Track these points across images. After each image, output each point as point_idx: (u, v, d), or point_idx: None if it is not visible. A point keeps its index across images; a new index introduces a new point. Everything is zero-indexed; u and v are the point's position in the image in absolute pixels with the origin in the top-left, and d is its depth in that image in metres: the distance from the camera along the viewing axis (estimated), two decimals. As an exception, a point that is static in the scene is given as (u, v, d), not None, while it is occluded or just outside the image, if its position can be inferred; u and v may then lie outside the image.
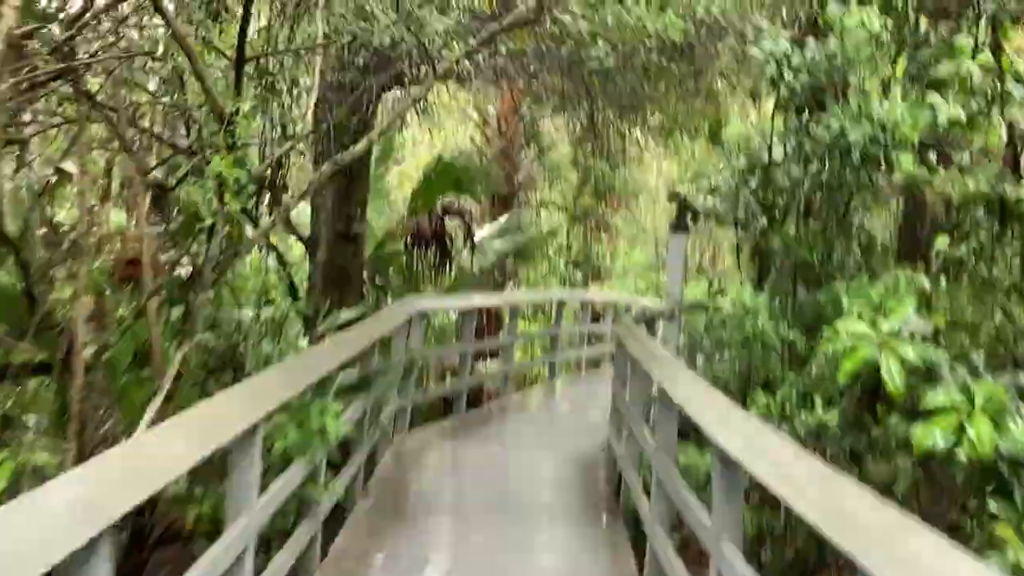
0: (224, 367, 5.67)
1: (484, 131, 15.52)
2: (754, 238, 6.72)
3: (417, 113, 16.41)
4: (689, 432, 5.07)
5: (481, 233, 12.41)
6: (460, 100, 16.24)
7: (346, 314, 8.34)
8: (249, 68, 5.57)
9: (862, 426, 4.46)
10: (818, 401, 4.44)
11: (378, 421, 6.62)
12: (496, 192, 14.75)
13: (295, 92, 7.05)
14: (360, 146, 5.60)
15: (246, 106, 4.40)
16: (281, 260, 8.15)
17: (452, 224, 11.19)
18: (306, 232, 9.01)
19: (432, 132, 15.90)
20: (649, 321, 9.30)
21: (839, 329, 3.89)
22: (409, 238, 10.26)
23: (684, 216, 10.08)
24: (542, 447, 8.31)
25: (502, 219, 12.62)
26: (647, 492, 5.48)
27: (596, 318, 16.52)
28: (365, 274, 9.10)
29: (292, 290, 8.44)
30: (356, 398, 6.01)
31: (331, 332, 8.09)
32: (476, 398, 12.82)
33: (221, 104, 4.29)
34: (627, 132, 15.55)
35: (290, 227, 8.73)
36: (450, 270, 10.94)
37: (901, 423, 4.00)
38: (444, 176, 10.72)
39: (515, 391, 12.15)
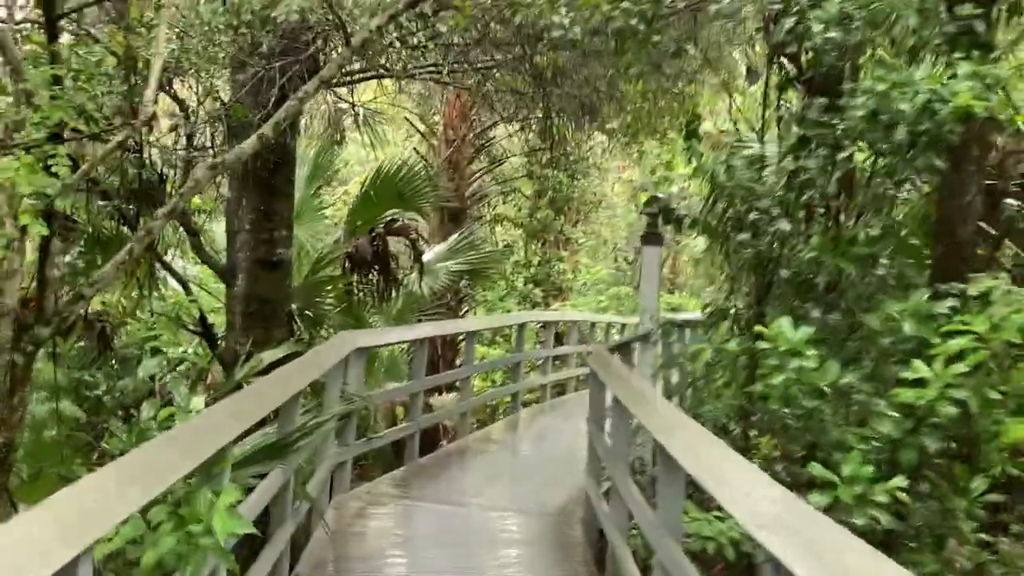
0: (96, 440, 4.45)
1: (430, 141, 14.41)
2: (746, 248, 5.67)
3: (357, 125, 15.36)
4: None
5: (430, 253, 11.28)
6: (403, 109, 15.15)
7: (271, 355, 7.15)
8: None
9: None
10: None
11: (304, 491, 5.41)
12: (445, 207, 13.65)
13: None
14: (248, 144, 4.41)
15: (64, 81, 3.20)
16: (187, 291, 6.92)
17: (397, 245, 10.05)
18: (223, 260, 7.77)
19: (376, 147, 14.73)
20: (623, 347, 8.22)
21: (922, 370, 2.83)
22: (347, 262, 9.07)
23: (657, 225, 9.06)
24: (509, 500, 7.17)
25: (453, 237, 11.50)
26: (642, 569, 4.39)
27: (559, 339, 15.47)
28: (294, 307, 7.87)
29: (205, 330, 7.21)
30: (273, 466, 4.82)
31: (251, 379, 6.91)
32: (432, 439, 11.59)
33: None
34: (586, 137, 14.60)
35: (202, 254, 7.48)
36: (396, 296, 9.77)
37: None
38: (385, 190, 9.58)
39: (475, 428, 11.00)
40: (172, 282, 8.73)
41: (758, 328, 4.05)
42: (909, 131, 3.60)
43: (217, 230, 8.87)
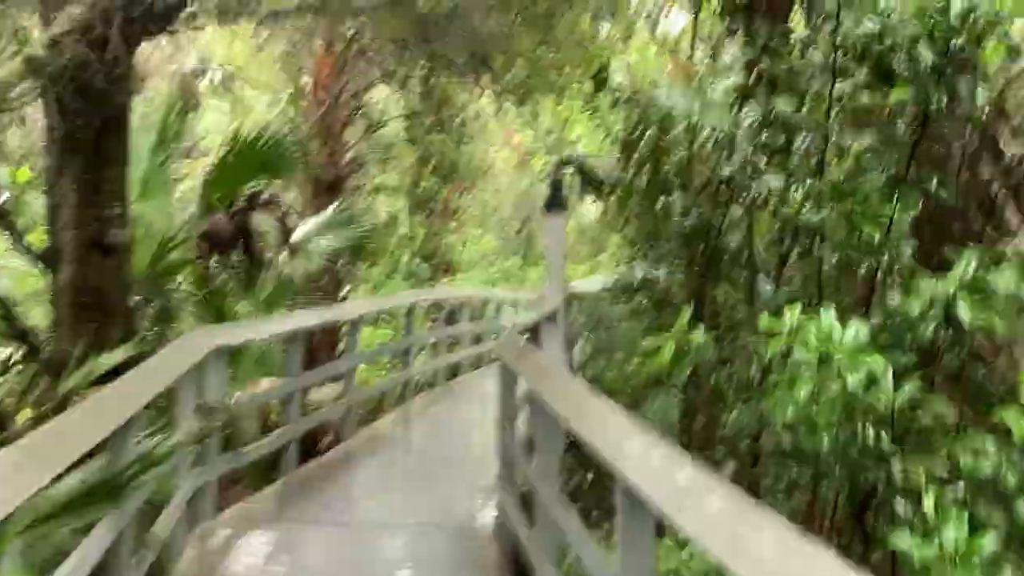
0: None
1: (299, 104, 13.09)
2: (684, 212, 4.89)
3: (214, 87, 13.86)
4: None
5: (303, 229, 10.09)
6: (265, 69, 13.75)
7: (107, 359, 5.94)
8: None
9: None
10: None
11: (149, 537, 4.34)
12: (319, 177, 12.44)
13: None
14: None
15: None
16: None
17: (264, 222, 8.86)
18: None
19: (238, 114, 13.31)
20: (532, 328, 7.40)
21: None
22: (203, 243, 7.84)
23: (561, 191, 8.27)
24: (406, 514, 6.24)
25: (328, 210, 10.35)
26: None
27: (451, 318, 14.56)
28: (137, 298, 6.63)
29: (18, 331, 5.92)
30: (99, 513, 3.76)
31: (82, 391, 5.72)
32: (314, 442, 10.49)
33: None
34: (473, 97, 13.62)
35: (14, 234, 6.15)
36: (264, 280, 8.59)
37: None
38: (246, 158, 8.37)
39: (362, 424, 9.99)
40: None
41: (770, 322, 3.21)
42: (939, 47, 2.85)
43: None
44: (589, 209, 20.69)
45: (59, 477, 3.45)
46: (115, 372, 5.35)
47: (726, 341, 4.73)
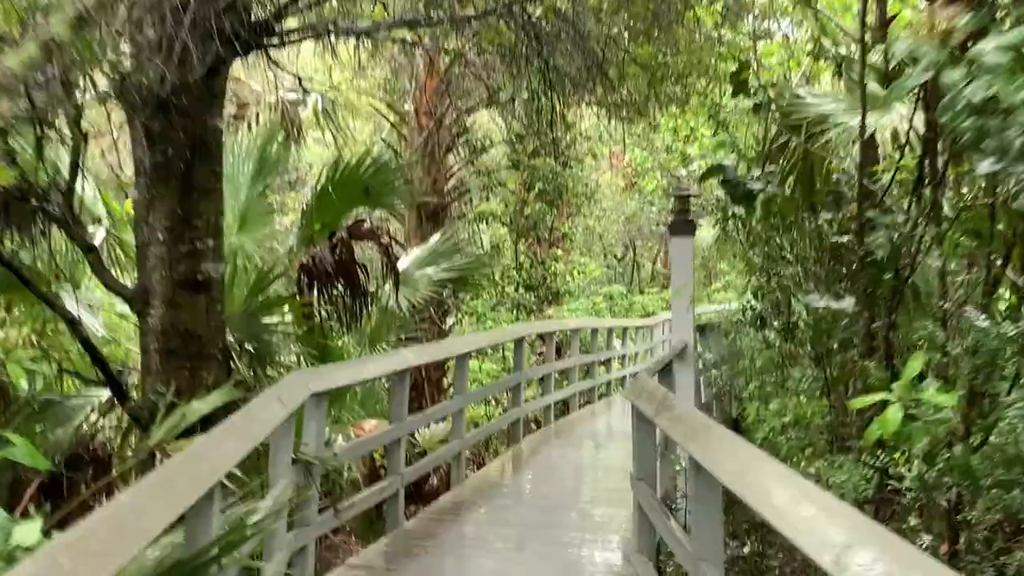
0: None
1: (400, 130, 12.69)
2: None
3: (316, 115, 13.64)
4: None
5: (407, 259, 9.59)
6: (366, 95, 13.44)
7: (200, 406, 5.42)
8: None
9: None
10: None
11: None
12: (422, 205, 11.96)
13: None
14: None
15: None
16: (74, 329, 5.22)
17: (367, 251, 8.35)
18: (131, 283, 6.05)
19: (341, 143, 13.01)
20: (664, 369, 6.57)
21: None
22: (303, 276, 7.36)
23: (688, 211, 7.44)
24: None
25: (433, 239, 9.81)
26: None
27: (559, 350, 13.84)
28: (231, 339, 6.15)
29: (107, 378, 5.49)
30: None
31: (172, 440, 5.23)
32: (422, 490, 9.92)
33: None
34: (580, 115, 12.93)
35: (103, 274, 5.76)
36: (368, 314, 8.05)
37: None
38: (347, 185, 7.90)
39: (470, 467, 9.34)
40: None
41: None
42: None
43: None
44: (704, 233, 19.68)
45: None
46: (209, 419, 4.83)
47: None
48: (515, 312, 14.31)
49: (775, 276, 9.56)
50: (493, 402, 13.68)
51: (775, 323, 9.64)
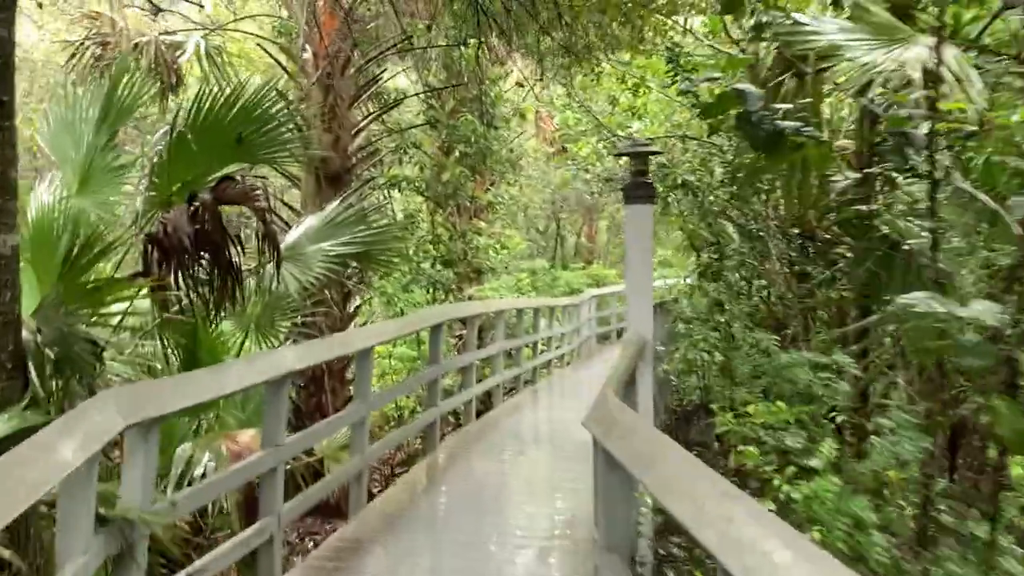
0: None
1: (297, 81, 10.92)
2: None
3: (198, 59, 11.78)
4: None
5: (298, 230, 7.98)
6: (261, 37, 11.61)
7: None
8: None
9: None
10: None
11: None
12: (321, 166, 10.27)
13: None
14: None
15: None
16: None
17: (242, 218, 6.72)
18: None
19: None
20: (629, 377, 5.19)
21: None
22: (151, 250, 5.70)
23: (646, 174, 6.05)
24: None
25: (331, 206, 8.20)
26: None
27: (481, 335, 12.40)
28: (34, 337, 4.49)
29: None
30: None
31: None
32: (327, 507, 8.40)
33: None
34: (507, 67, 11.39)
35: None
36: (241, 297, 6.42)
37: None
38: (213, 133, 6.24)
39: (380, 479, 7.84)
40: None
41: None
42: None
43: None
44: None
45: None
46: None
47: None
48: (431, 292, 12.79)
49: (745, 253, 8.30)
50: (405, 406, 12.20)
51: (736, 307, 8.39)
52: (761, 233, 7.94)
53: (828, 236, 8.09)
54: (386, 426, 11.44)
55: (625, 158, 12.87)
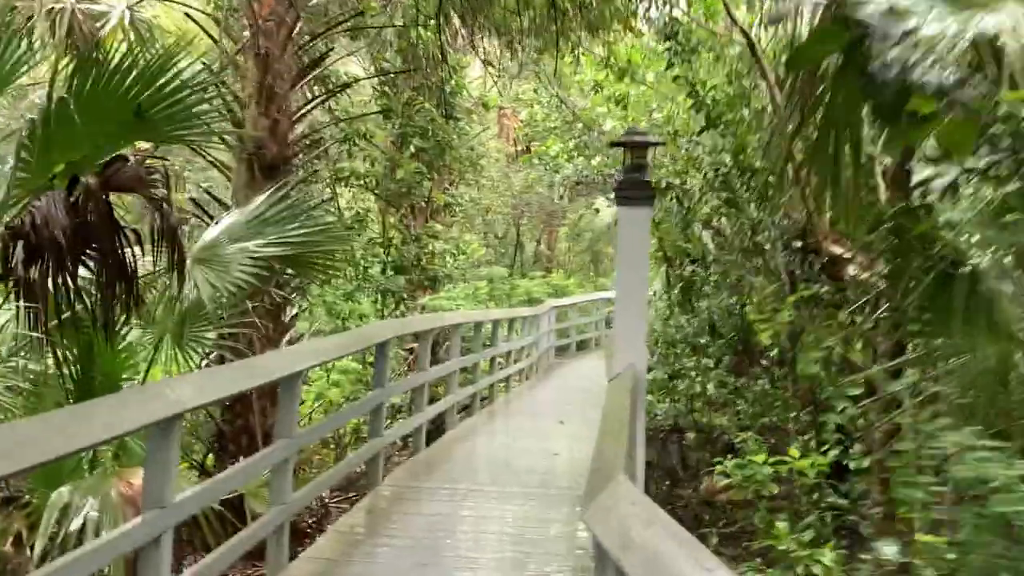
0: None
1: (227, 55, 9.70)
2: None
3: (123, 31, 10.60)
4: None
5: (217, 228, 6.79)
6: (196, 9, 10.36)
7: None
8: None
9: None
10: None
11: None
12: (255, 154, 9.05)
13: None
14: None
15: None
16: None
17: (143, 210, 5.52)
18: None
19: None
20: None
21: None
22: (12, 246, 4.51)
23: (643, 171, 4.99)
24: None
25: (257, 200, 7.01)
26: None
27: (434, 350, 11.27)
28: None
29: None
30: None
31: None
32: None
33: None
34: (473, 47, 10.29)
35: None
36: (136, 305, 5.24)
37: None
38: (104, 104, 5.03)
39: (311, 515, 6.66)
40: None
41: None
42: None
43: None
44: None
45: None
46: None
47: None
48: (380, 301, 11.61)
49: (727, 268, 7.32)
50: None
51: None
52: (765, 246, 6.98)
53: (838, 251, 7.15)
54: (322, 451, 10.23)
55: (597, 159, 11.83)
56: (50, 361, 6.34)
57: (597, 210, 17.02)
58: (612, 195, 15.20)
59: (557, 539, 6.25)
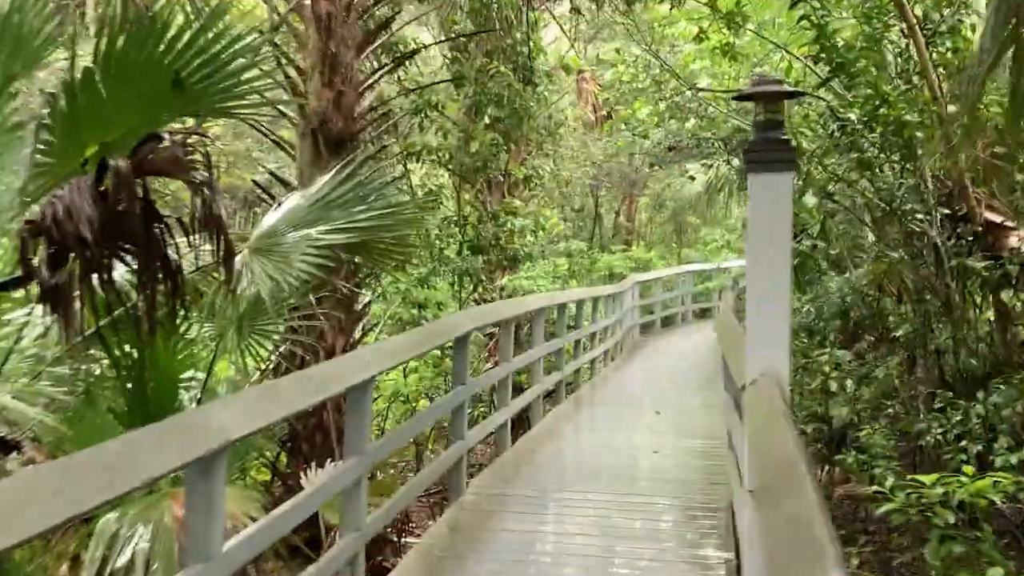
0: None
1: (292, 25, 8.99)
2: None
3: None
4: None
5: (276, 212, 6.09)
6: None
7: None
8: None
9: None
10: None
11: None
12: (320, 130, 8.36)
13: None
14: None
15: None
16: None
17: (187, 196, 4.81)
18: None
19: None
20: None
21: None
22: (31, 244, 3.85)
23: (779, 128, 4.07)
24: None
25: (320, 181, 6.29)
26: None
27: (517, 335, 10.49)
28: None
29: None
30: None
31: None
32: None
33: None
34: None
35: None
36: (183, 310, 4.60)
37: None
38: (136, 74, 4.35)
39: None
40: None
41: None
42: None
43: None
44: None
45: None
46: None
47: None
48: (458, 283, 10.87)
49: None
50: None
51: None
52: (908, 213, 5.93)
53: (997, 219, 6.07)
54: (399, 461, 9.57)
55: (691, 121, 10.78)
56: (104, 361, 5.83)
57: (692, 177, 15.92)
58: (704, 161, 14.16)
59: (669, 553, 5.46)
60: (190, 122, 5.57)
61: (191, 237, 4.42)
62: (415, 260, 9.51)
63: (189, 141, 4.26)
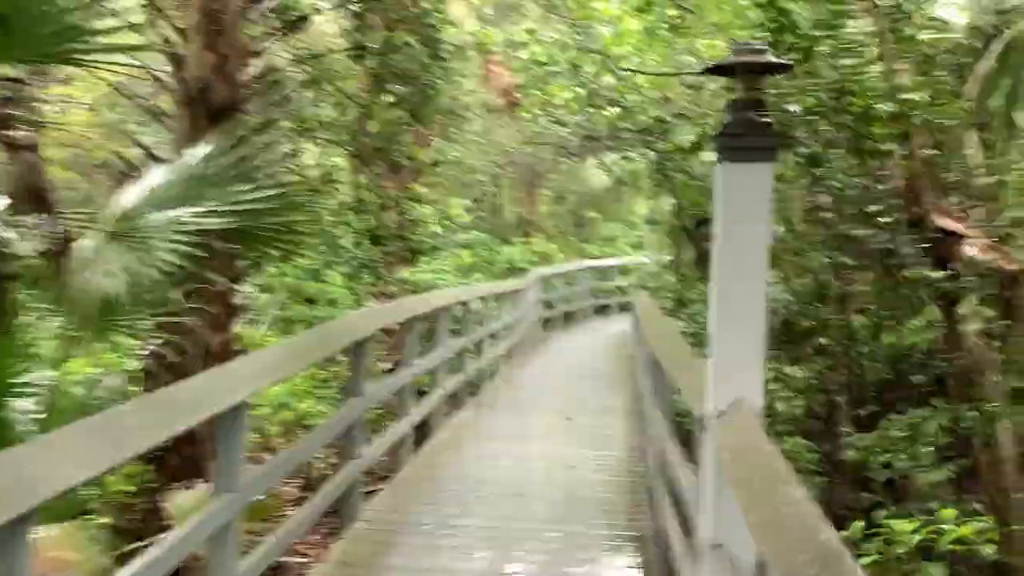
0: None
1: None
2: None
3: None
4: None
5: (137, 189, 5.09)
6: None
7: None
8: None
9: None
10: None
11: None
12: (200, 97, 7.31)
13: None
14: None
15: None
16: None
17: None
18: None
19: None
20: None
21: None
22: None
23: (761, 119, 3.41)
24: None
25: (193, 152, 5.34)
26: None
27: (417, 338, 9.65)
28: None
29: None
30: None
31: None
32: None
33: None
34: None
35: None
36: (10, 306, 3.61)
37: None
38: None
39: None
40: None
41: None
42: None
43: None
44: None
45: None
46: None
47: None
48: (354, 278, 9.92)
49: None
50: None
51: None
52: (885, 218, 5.44)
53: (950, 226, 5.65)
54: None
55: (614, 109, 10.15)
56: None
57: (610, 170, 15.39)
58: (622, 153, 13.68)
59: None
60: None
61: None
62: (306, 254, 8.54)
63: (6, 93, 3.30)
